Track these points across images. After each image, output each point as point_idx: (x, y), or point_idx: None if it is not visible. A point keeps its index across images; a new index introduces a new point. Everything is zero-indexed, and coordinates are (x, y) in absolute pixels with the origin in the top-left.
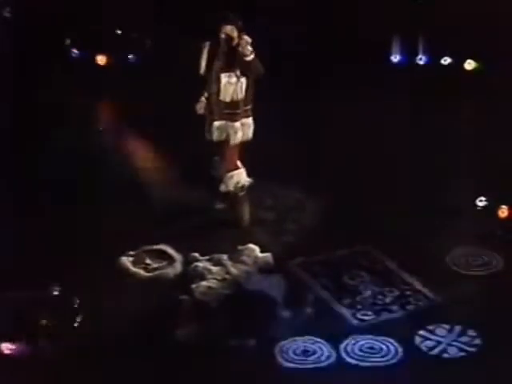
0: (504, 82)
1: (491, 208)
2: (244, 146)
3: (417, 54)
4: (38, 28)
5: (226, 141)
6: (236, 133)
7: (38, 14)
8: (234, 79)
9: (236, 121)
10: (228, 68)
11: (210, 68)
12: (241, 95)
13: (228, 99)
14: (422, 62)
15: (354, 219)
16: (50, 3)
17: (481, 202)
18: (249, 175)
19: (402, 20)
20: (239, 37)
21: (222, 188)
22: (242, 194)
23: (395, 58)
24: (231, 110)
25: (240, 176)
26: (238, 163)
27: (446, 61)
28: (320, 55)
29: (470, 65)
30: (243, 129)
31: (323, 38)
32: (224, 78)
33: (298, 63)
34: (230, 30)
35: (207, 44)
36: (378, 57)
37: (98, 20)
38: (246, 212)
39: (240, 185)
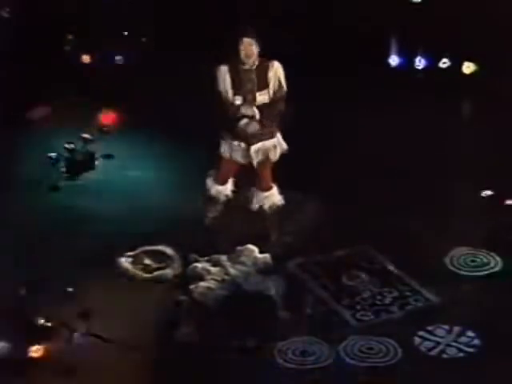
0: (504, 82)
1: (490, 208)
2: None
3: (415, 57)
4: (37, 28)
5: (264, 161)
6: (276, 148)
7: (37, 14)
8: (267, 97)
9: (273, 137)
10: (262, 87)
11: (238, 90)
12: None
13: (265, 118)
14: (420, 65)
15: (353, 219)
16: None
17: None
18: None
19: (400, 21)
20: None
21: (255, 207)
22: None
23: (393, 61)
24: (268, 129)
25: (275, 197)
26: (271, 182)
27: (445, 64)
28: (319, 57)
29: (468, 68)
30: (279, 142)
31: (322, 40)
32: (259, 96)
33: (297, 64)
34: (248, 43)
35: (225, 69)
36: (376, 59)
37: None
38: (275, 227)
39: (275, 206)
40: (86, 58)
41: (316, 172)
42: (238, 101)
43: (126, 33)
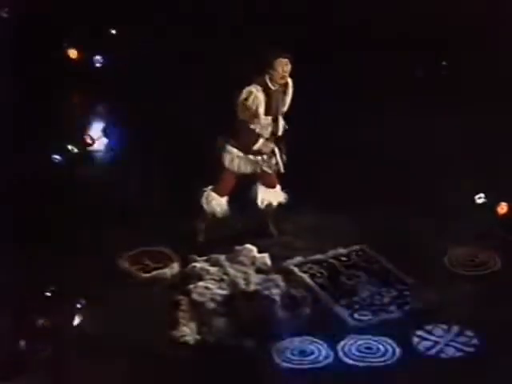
0: (503, 82)
1: (490, 208)
2: None
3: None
4: (37, 28)
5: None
6: (278, 161)
7: (37, 14)
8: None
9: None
10: (281, 107)
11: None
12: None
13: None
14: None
15: (352, 219)
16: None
17: (480, 199)
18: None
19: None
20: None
21: (260, 203)
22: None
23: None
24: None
25: (279, 195)
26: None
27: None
28: (318, 57)
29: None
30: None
31: (322, 40)
32: (281, 119)
33: (297, 64)
34: (285, 63)
35: (257, 88)
36: (376, 56)
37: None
38: (273, 222)
39: (277, 204)
40: (84, 58)
41: (316, 172)
42: (267, 121)
43: (127, 34)
